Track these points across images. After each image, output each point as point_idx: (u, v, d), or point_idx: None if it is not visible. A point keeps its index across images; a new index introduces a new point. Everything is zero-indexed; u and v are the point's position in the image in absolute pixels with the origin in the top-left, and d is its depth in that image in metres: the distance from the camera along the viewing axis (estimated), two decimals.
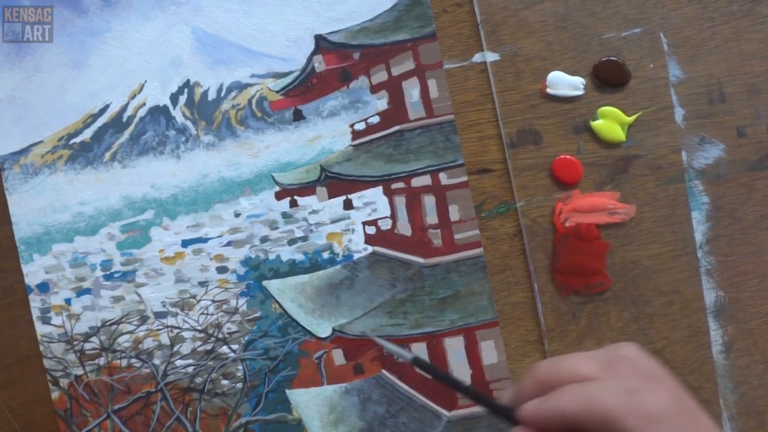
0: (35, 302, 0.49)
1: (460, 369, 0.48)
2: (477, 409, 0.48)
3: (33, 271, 0.49)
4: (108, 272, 0.49)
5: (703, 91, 0.47)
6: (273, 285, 0.48)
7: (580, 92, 0.47)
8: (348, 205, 0.48)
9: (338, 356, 0.48)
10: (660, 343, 0.47)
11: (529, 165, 0.47)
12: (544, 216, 0.47)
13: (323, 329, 0.48)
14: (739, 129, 0.47)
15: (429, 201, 0.48)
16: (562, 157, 0.47)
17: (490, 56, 0.47)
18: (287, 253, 0.48)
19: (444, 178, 0.48)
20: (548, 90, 0.47)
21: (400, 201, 0.48)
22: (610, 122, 0.47)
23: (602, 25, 0.47)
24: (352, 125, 0.48)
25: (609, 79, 0.46)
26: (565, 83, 0.47)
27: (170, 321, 0.49)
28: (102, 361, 0.49)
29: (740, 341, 0.47)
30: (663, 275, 0.47)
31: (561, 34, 0.47)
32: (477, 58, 0.48)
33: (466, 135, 0.47)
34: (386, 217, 0.48)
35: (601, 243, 0.47)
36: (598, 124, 0.47)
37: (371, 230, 0.48)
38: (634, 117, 0.47)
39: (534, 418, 0.30)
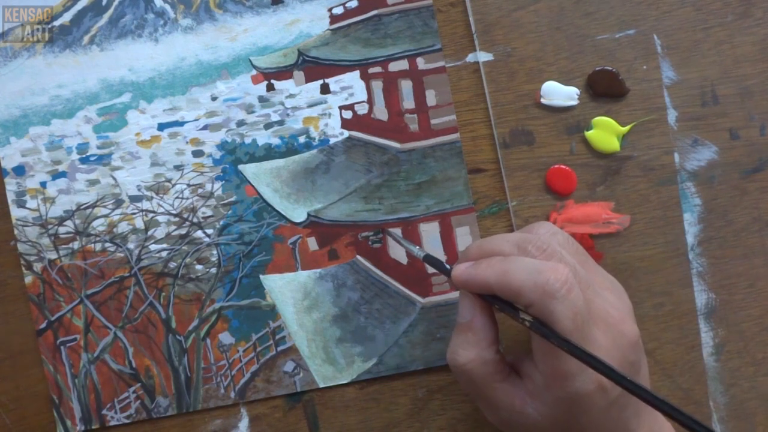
0: (11, 186, 0.49)
1: (435, 254, 0.47)
2: (451, 296, 0.47)
3: (9, 155, 0.49)
4: (84, 155, 0.49)
5: (696, 93, 0.47)
6: (248, 169, 0.48)
7: (575, 102, 0.47)
8: (325, 89, 0.48)
9: (313, 242, 0.48)
10: (651, 345, 0.47)
11: (521, 165, 0.47)
12: (536, 216, 0.47)
13: (298, 214, 0.48)
14: (732, 131, 0.47)
15: (406, 86, 0.48)
16: (556, 167, 0.47)
17: (483, 56, 0.47)
18: (263, 137, 0.48)
19: (421, 63, 0.48)
20: (542, 100, 0.47)
21: (377, 85, 0.48)
22: (605, 132, 0.47)
23: (596, 27, 0.47)
24: (330, 9, 0.48)
25: (603, 90, 0.46)
26: (559, 94, 0.47)
27: (145, 205, 0.48)
28: (76, 245, 0.48)
29: (731, 344, 0.47)
30: (654, 277, 0.47)
31: (555, 35, 0.47)
32: (470, 58, 0.48)
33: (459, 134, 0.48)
34: (363, 102, 0.48)
35: (595, 253, 0.46)
36: (592, 134, 0.47)
37: (348, 114, 0.48)
38: (628, 127, 0.47)
39: (464, 277, 0.38)
